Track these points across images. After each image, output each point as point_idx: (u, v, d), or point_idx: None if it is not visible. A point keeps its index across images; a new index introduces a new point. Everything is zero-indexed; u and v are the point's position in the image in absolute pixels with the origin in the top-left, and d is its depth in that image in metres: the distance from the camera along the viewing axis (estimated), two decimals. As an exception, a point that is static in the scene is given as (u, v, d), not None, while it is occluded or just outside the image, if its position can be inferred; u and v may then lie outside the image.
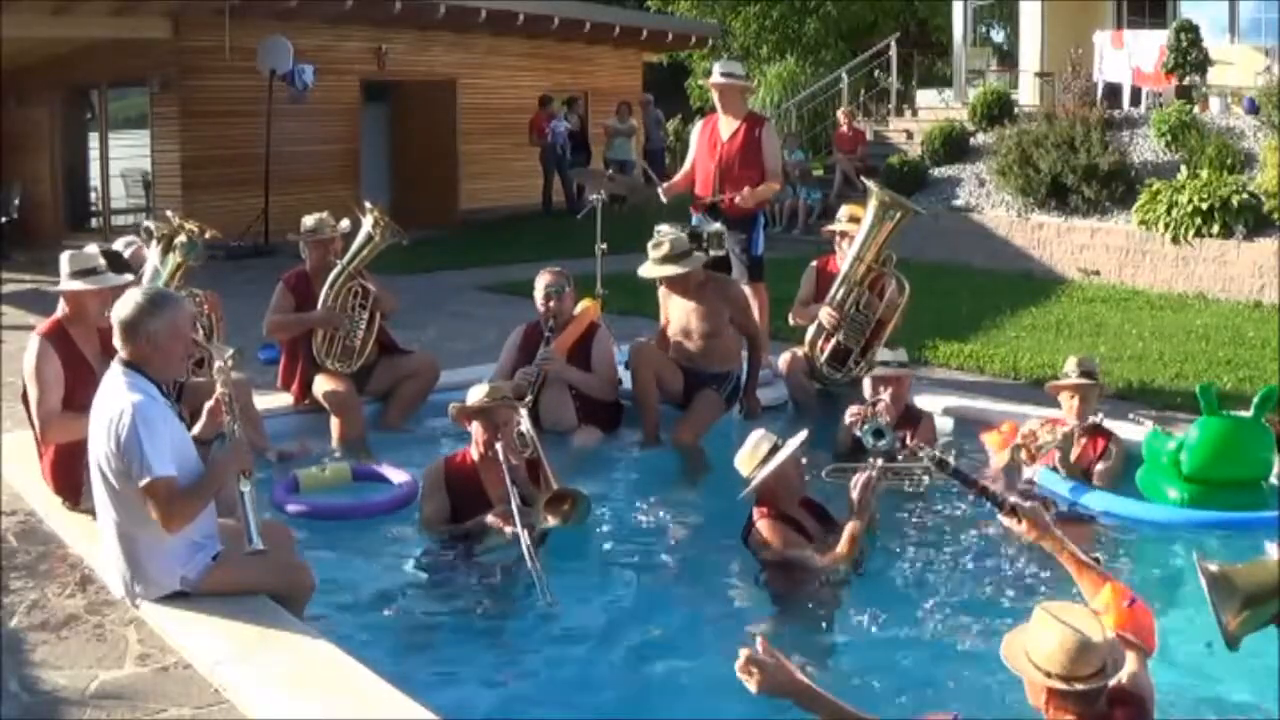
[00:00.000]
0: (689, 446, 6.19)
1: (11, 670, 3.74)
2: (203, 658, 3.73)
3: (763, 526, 4.51)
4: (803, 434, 4.66)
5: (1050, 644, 2.61)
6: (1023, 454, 5.50)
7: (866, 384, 6.25)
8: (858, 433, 5.69)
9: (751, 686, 2.84)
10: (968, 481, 3.53)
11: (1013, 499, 3.27)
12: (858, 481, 4.47)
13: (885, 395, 5.86)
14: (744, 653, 2.85)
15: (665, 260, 6.29)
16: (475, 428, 4.87)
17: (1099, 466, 5.46)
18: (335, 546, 4.88)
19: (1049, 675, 2.61)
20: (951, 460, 3.97)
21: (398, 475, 5.57)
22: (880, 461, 4.52)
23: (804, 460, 4.76)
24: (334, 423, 6.30)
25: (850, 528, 4.41)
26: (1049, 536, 3.16)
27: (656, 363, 6.34)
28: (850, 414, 5.89)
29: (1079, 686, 2.59)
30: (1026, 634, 2.70)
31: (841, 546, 4.39)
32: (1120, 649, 2.70)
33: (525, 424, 5.13)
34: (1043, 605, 2.70)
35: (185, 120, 15.39)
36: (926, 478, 4.62)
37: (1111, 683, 2.65)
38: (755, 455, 4.49)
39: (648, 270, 6.37)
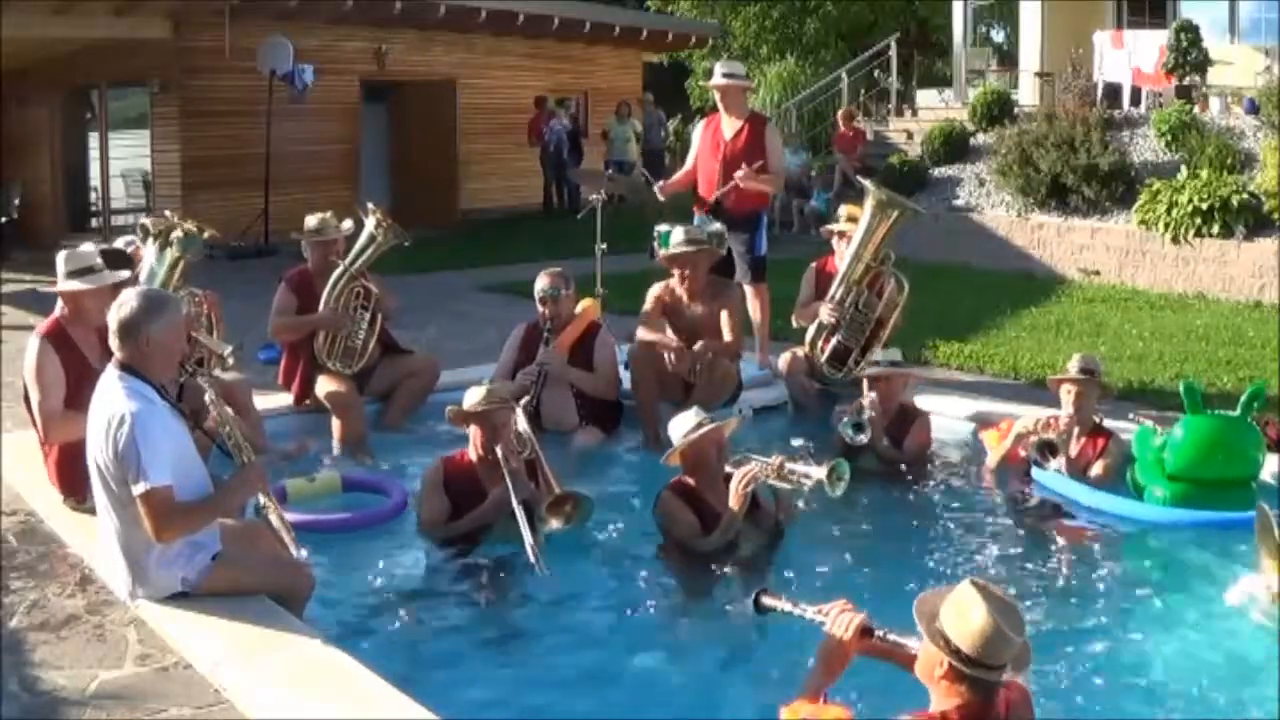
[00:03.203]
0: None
1: (11, 670, 3.74)
2: (203, 658, 3.73)
3: (663, 498, 4.73)
4: (732, 420, 4.93)
5: (969, 623, 2.53)
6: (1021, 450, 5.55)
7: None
8: (839, 428, 5.72)
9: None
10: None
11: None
12: (740, 474, 4.54)
13: (872, 395, 5.87)
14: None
15: (690, 242, 6.47)
16: (473, 430, 4.88)
17: (1097, 465, 5.47)
18: (335, 547, 4.87)
19: (954, 651, 2.54)
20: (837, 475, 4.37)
21: (389, 486, 5.45)
22: (778, 460, 4.55)
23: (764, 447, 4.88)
24: (335, 423, 6.29)
25: (725, 514, 4.54)
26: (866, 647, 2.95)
27: (658, 364, 6.35)
28: (837, 413, 5.93)
29: (980, 674, 2.53)
30: (945, 602, 2.61)
31: (717, 531, 4.56)
32: (1029, 650, 2.63)
33: (523, 424, 5.14)
34: (972, 580, 2.61)
35: (185, 120, 15.40)
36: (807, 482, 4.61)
37: (1006, 677, 2.60)
38: (682, 427, 4.68)
39: (671, 250, 6.48)
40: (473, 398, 4.88)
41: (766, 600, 3.15)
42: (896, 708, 2.71)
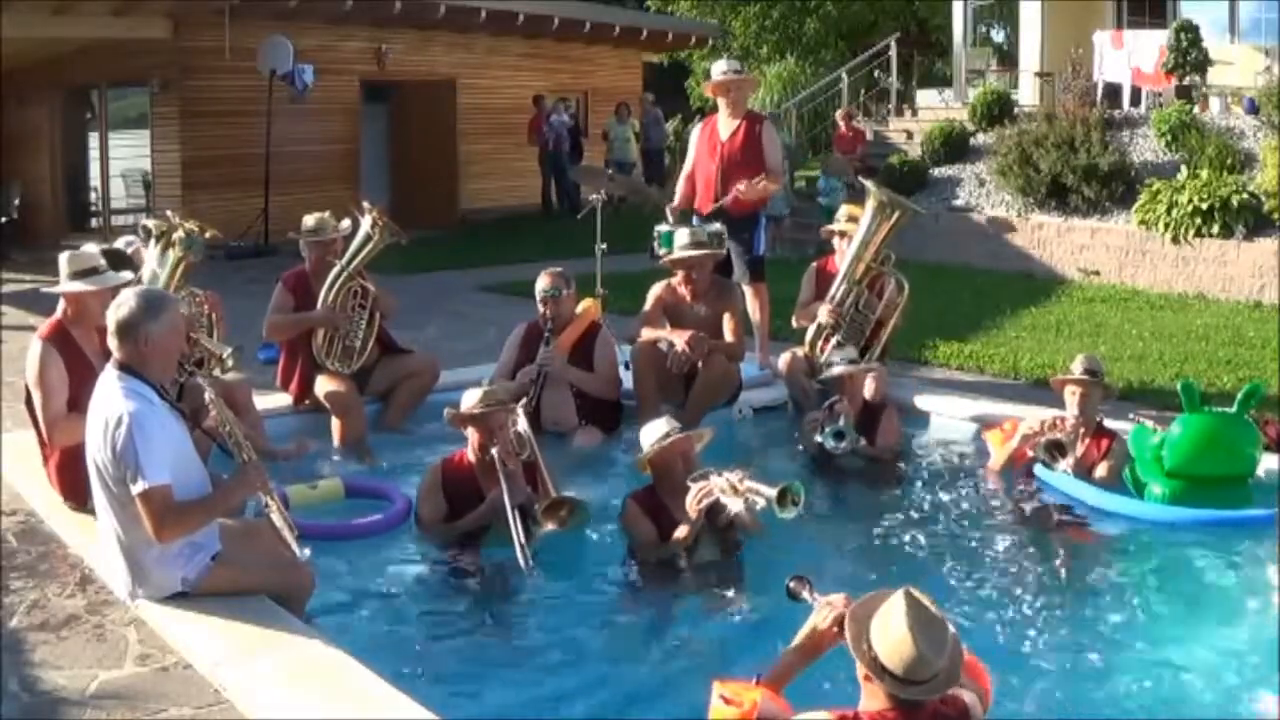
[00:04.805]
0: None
1: (11, 670, 3.74)
2: (203, 658, 3.73)
3: (626, 506, 4.75)
4: (705, 431, 4.88)
5: (889, 637, 2.51)
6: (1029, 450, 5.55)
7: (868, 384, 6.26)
8: (818, 437, 5.69)
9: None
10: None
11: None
12: (696, 489, 4.47)
13: (842, 398, 5.85)
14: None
15: (694, 245, 6.49)
16: (471, 432, 4.88)
17: (1101, 466, 5.46)
18: (334, 547, 4.86)
19: (872, 660, 2.52)
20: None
21: (392, 492, 5.37)
22: (737, 476, 4.45)
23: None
24: (335, 424, 6.29)
25: (679, 531, 4.52)
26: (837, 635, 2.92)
27: (658, 363, 6.35)
28: (809, 420, 5.92)
29: (895, 688, 2.50)
30: (879, 609, 2.58)
31: (674, 540, 4.55)
32: (960, 663, 2.59)
33: (522, 425, 5.11)
34: (907, 591, 2.58)
35: (185, 120, 15.40)
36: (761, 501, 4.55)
37: (937, 697, 2.55)
38: (652, 435, 4.69)
39: (677, 253, 6.51)
40: (470, 400, 4.88)
41: (793, 586, 3.21)
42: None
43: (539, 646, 4.17)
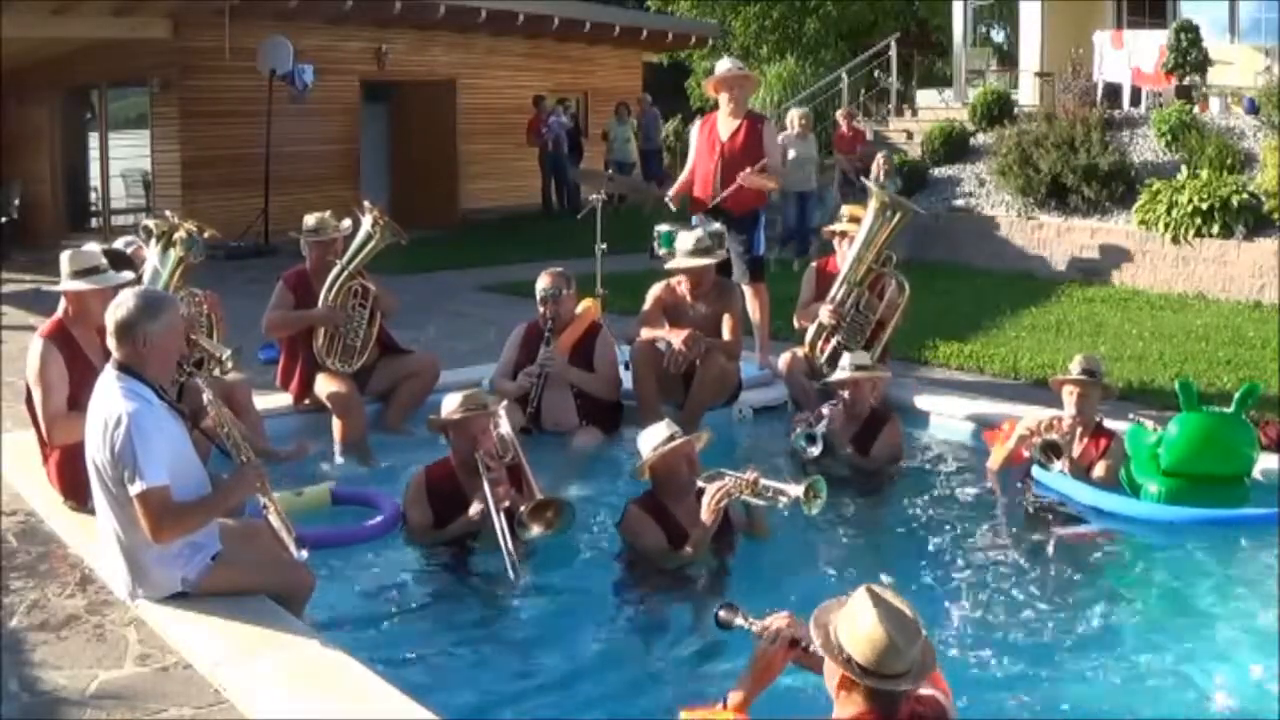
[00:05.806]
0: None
1: (11, 670, 3.74)
2: (203, 658, 3.73)
3: (629, 513, 4.67)
4: (703, 434, 4.79)
5: (858, 632, 2.49)
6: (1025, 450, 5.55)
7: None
8: (791, 440, 5.68)
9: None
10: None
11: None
12: (713, 490, 4.44)
13: (838, 403, 5.83)
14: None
15: (697, 253, 6.44)
16: (453, 437, 4.87)
17: (1099, 466, 5.46)
18: (333, 547, 4.86)
19: (846, 660, 2.50)
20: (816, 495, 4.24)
21: (380, 500, 5.27)
22: (753, 475, 4.43)
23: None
24: (336, 424, 6.28)
25: (694, 533, 4.47)
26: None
27: (658, 363, 6.35)
28: (797, 420, 5.91)
29: (874, 684, 2.48)
30: (843, 610, 2.57)
31: (688, 547, 4.49)
32: (932, 654, 2.58)
33: (505, 428, 5.05)
34: (868, 587, 2.56)
35: (185, 120, 15.42)
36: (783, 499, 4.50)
37: (911, 688, 2.53)
38: (652, 440, 4.59)
39: (679, 262, 6.47)
40: (449, 405, 4.86)
41: (723, 615, 3.16)
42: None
43: (536, 648, 4.16)
